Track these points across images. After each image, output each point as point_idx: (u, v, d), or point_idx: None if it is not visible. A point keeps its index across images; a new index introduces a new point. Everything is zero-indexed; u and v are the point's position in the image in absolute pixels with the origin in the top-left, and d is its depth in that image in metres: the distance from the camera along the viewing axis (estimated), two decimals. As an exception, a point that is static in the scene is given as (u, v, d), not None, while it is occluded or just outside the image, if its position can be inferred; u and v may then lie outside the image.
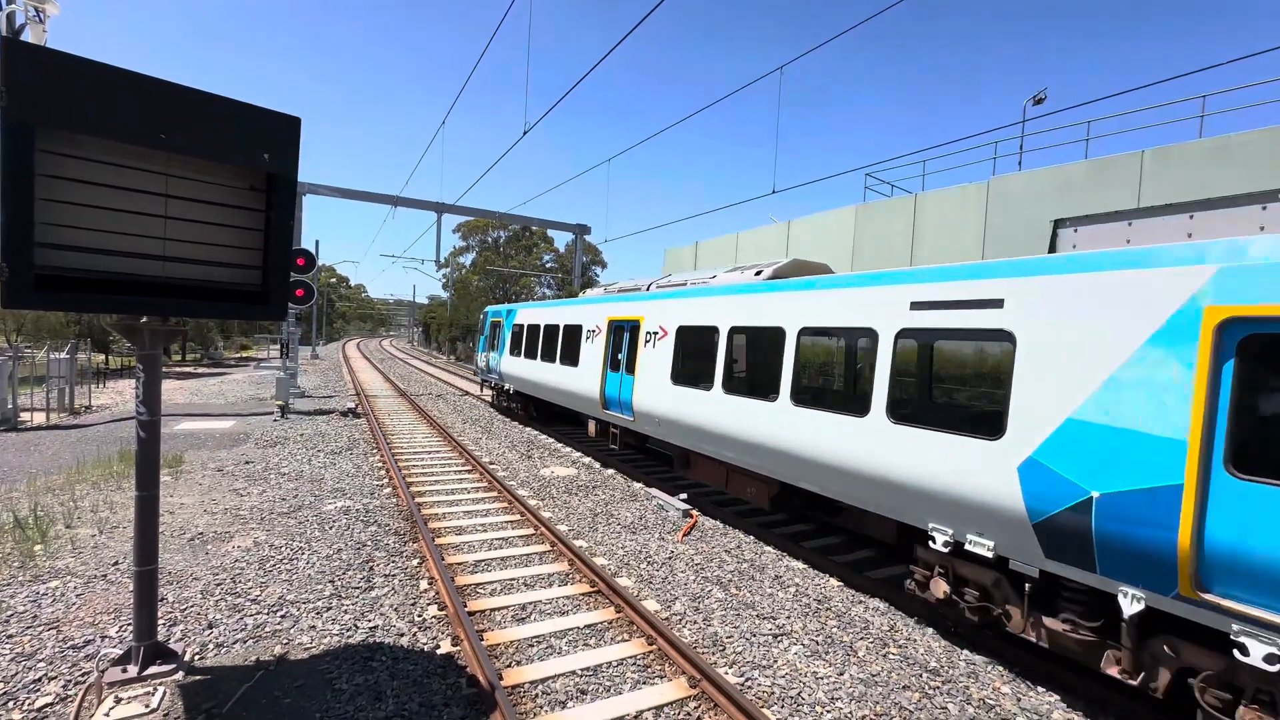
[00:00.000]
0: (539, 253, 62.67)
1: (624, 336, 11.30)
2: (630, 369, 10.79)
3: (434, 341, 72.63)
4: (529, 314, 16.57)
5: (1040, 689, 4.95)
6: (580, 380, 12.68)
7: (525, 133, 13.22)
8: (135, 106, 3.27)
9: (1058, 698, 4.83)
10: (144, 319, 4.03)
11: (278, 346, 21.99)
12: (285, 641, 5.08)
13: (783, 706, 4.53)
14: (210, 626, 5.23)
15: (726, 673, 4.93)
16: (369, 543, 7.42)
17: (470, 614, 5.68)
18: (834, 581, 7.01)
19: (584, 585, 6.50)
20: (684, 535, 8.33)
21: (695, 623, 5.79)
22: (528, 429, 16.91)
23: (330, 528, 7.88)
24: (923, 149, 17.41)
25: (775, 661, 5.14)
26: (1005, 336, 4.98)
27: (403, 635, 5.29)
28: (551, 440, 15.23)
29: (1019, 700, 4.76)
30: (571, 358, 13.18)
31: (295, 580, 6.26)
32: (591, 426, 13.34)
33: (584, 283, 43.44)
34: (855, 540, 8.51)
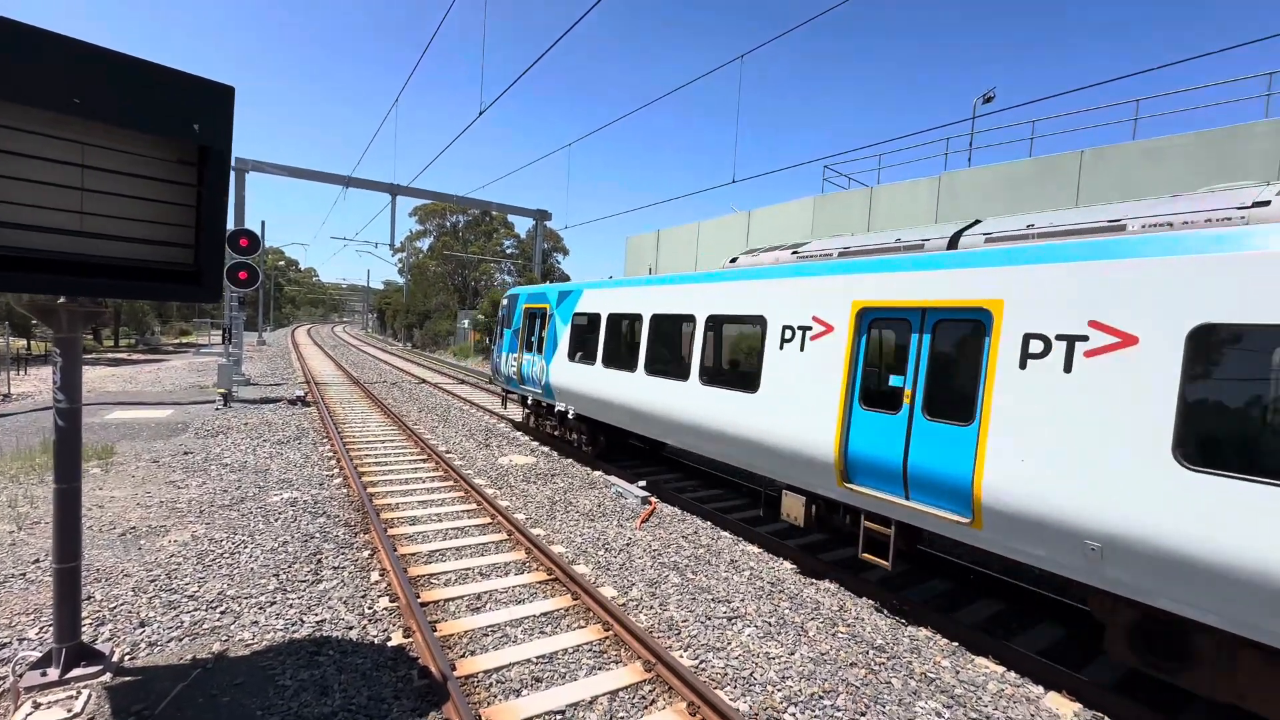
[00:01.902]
0: (499, 238, 61.51)
1: (935, 341, 5.50)
2: (960, 412, 5.20)
3: (390, 328, 70.57)
4: (615, 297, 10.29)
5: (978, 660, 5.20)
6: (771, 419, 6.83)
7: (481, 113, 12.87)
8: (43, 67, 3.01)
9: (992, 669, 5.09)
10: (60, 299, 3.75)
11: (220, 332, 20.89)
12: (225, 638, 4.87)
13: (735, 687, 4.62)
14: (142, 625, 4.97)
15: (681, 656, 5.00)
16: (317, 535, 7.18)
17: (423, 605, 5.58)
18: (787, 564, 7.18)
19: (541, 573, 6.46)
20: (642, 522, 8.38)
21: (652, 608, 5.84)
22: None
23: (276, 520, 7.59)
24: (878, 143, 17.77)
25: (729, 643, 5.24)
26: None
27: (352, 628, 5.15)
28: (509, 428, 15.05)
29: (957, 673, 4.99)
30: (743, 377, 7.52)
31: (237, 575, 6.01)
32: (795, 506, 6.88)
33: (545, 270, 42.94)
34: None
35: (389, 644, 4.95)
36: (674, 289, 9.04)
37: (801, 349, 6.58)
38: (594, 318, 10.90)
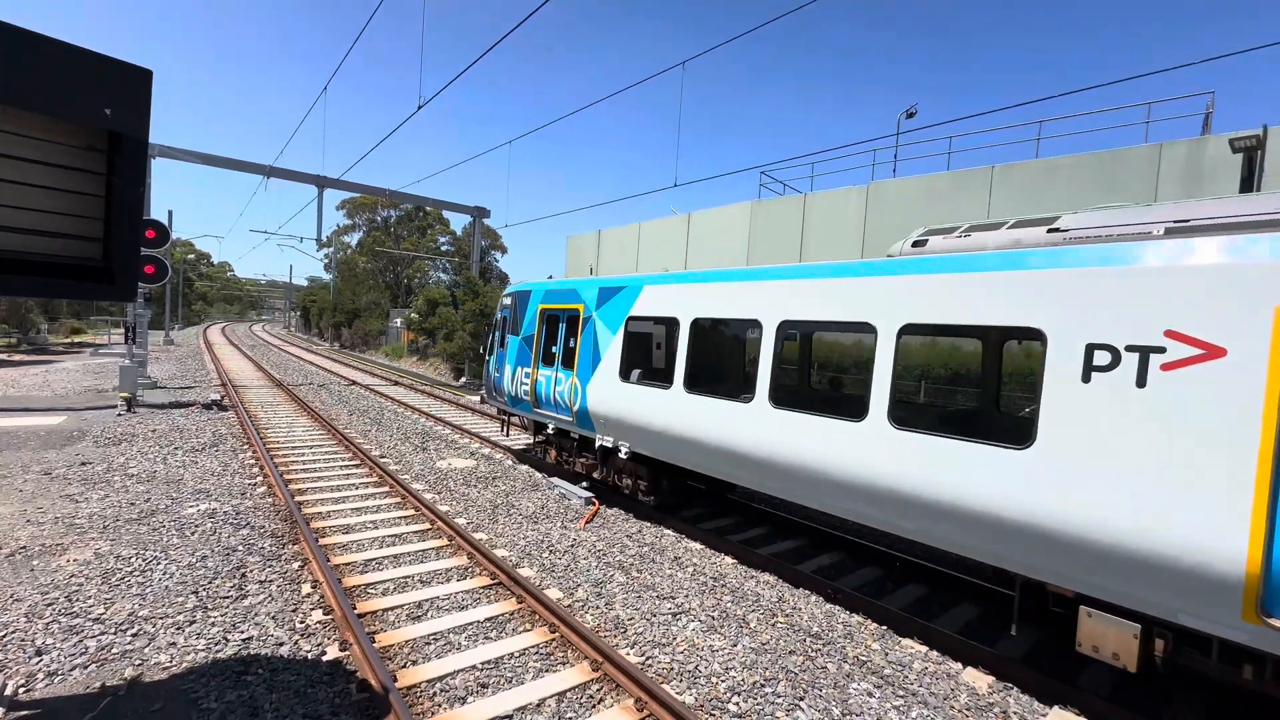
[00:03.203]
0: (434, 234, 59.61)
1: None
2: None
3: (315, 327, 66.89)
4: (707, 295, 7.40)
5: (904, 641, 5.56)
6: (1062, 489, 4.38)
7: (420, 107, 12.47)
8: (-74, 39, 2.71)
9: (918, 649, 5.45)
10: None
11: (121, 330, 19.03)
12: (138, 662, 4.52)
13: (681, 680, 4.73)
14: (39, 653, 4.53)
15: (628, 653, 5.06)
16: (240, 547, 6.76)
17: (360, 616, 5.37)
18: (729, 559, 7.39)
19: (484, 578, 6.36)
20: (586, 523, 8.39)
21: (598, 608, 5.88)
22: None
23: (193, 533, 7.08)
24: (813, 153, 18.56)
25: (674, 639, 5.35)
26: None
27: (282, 644, 4.89)
28: (449, 431, 14.65)
29: (887, 654, 5.32)
30: (998, 422, 6.40)
31: (150, 594, 5.57)
32: (1116, 637, 4.38)
33: (482, 269, 42.02)
34: (748, 519, 9.03)
35: (324, 658, 4.74)
36: (827, 284, 6.05)
37: (1141, 383, 4.09)
38: (667, 324, 7.90)
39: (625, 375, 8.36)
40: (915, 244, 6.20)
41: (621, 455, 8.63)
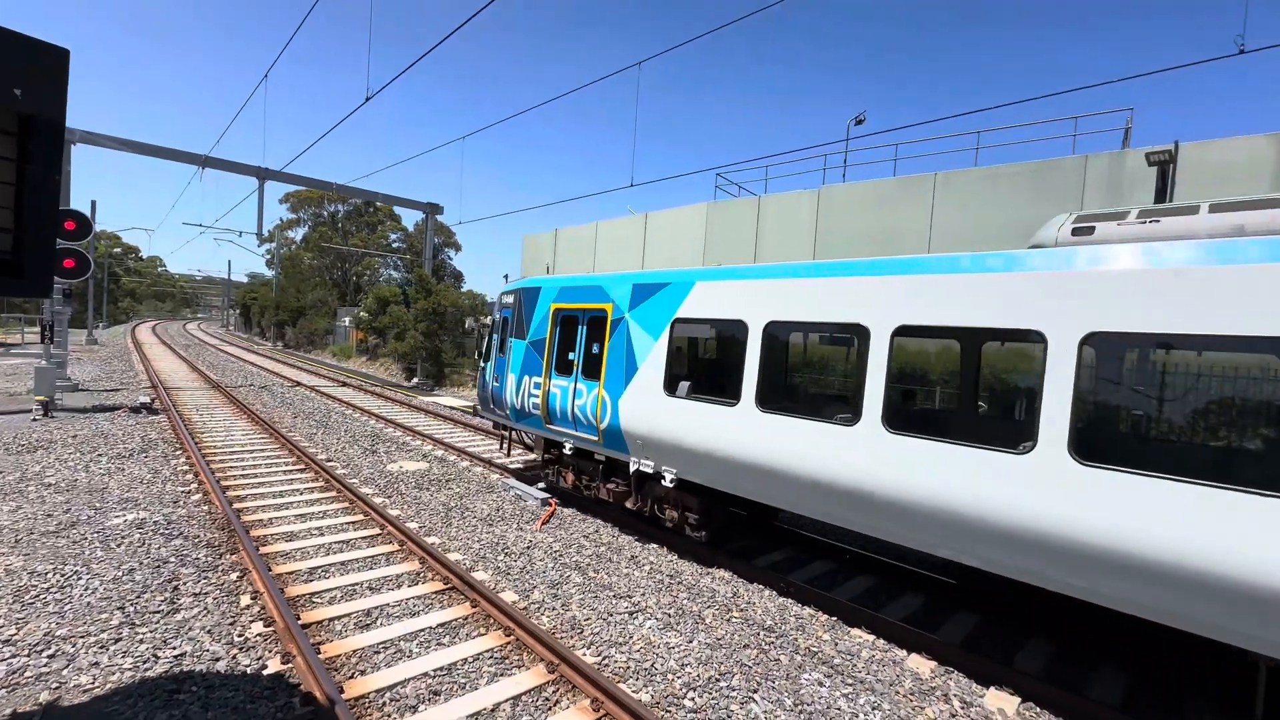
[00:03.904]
0: (384, 231, 57.84)
1: None
2: None
3: (256, 326, 63.85)
4: (787, 291, 6.17)
5: (853, 631, 5.74)
6: None
7: (368, 99, 12.07)
8: None
9: (865, 638, 5.64)
10: None
11: (39, 329, 17.55)
12: (55, 685, 4.21)
13: (638, 679, 4.75)
14: (-60, 680, 4.16)
15: (584, 654, 5.04)
16: (172, 559, 6.38)
17: (304, 626, 5.16)
18: (685, 557, 7.45)
19: (437, 583, 6.22)
20: (542, 524, 8.31)
21: (554, 609, 5.83)
22: (372, 421, 15.55)
23: (118, 545, 6.64)
24: (766, 155, 18.95)
25: (631, 637, 5.36)
26: None
27: (219, 660, 4.65)
28: (400, 433, 14.24)
29: (836, 644, 5.48)
30: (1250, 457, 4.23)
31: (69, 611, 5.20)
32: None
33: (436, 266, 41.05)
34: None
35: (265, 672, 4.53)
36: (965, 281, 4.86)
37: None
38: (729, 328, 6.66)
39: (671, 388, 6.99)
40: (1077, 230, 5.15)
41: (665, 483, 7.22)
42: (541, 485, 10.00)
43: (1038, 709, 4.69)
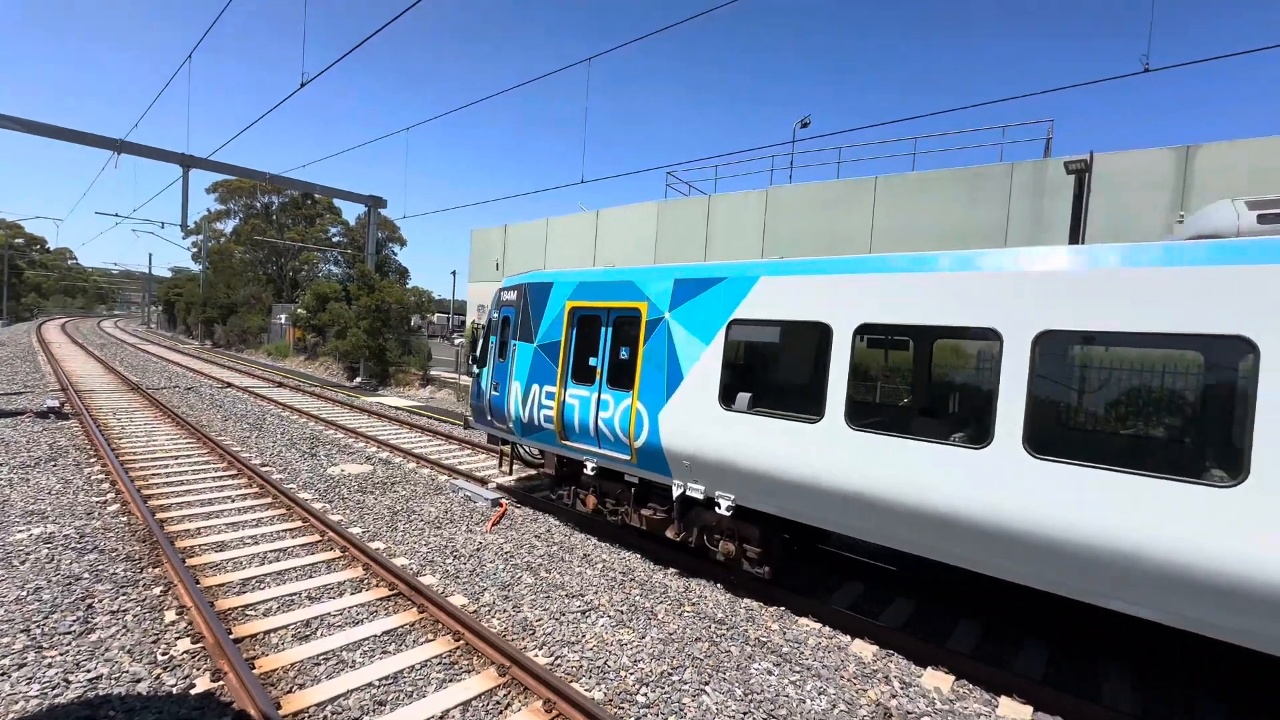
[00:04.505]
0: (324, 224, 55.33)
1: None
2: None
3: (182, 323, 59.91)
4: (887, 290, 5.19)
5: (801, 620, 5.91)
6: None
7: (303, 85, 11.51)
8: None
9: (812, 626, 5.82)
10: None
11: (-77, 327, 15.49)
12: (-52, 719, 3.83)
13: (591, 677, 4.73)
14: None
15: (536, 655, 4.99)
16: (86, 575, 5.92)
17: (237, 640, 4.89)
18: (638, 554, 7.49)
19: (382, 589, 6.01)
20: (493, 525, 8.17)
21: (505, 611, 5.74)
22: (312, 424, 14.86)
23: (22, 562, 6.10)
24: (715, 155, 19.17)
25: (584, 636, 5.35)
26: None
27: (140, 681, 4.35)
28: (342, 435, 13.68)
29: (785, 633, 5.63)
30: None
31: (-36, 636, 4.73)
32: None
33: (379, 261, 39.67)
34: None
35: (193, 692, 4.27)
36: (1131, 275, 4.09)
37: None
38: (805, 330, 5.81)
39: (728, 400, 6.07)
40: (1265, 218, 4.34)
41: (720, 510, 6.28)
42: (493, 486, 9.82)
43: (970, 685, 4.96)
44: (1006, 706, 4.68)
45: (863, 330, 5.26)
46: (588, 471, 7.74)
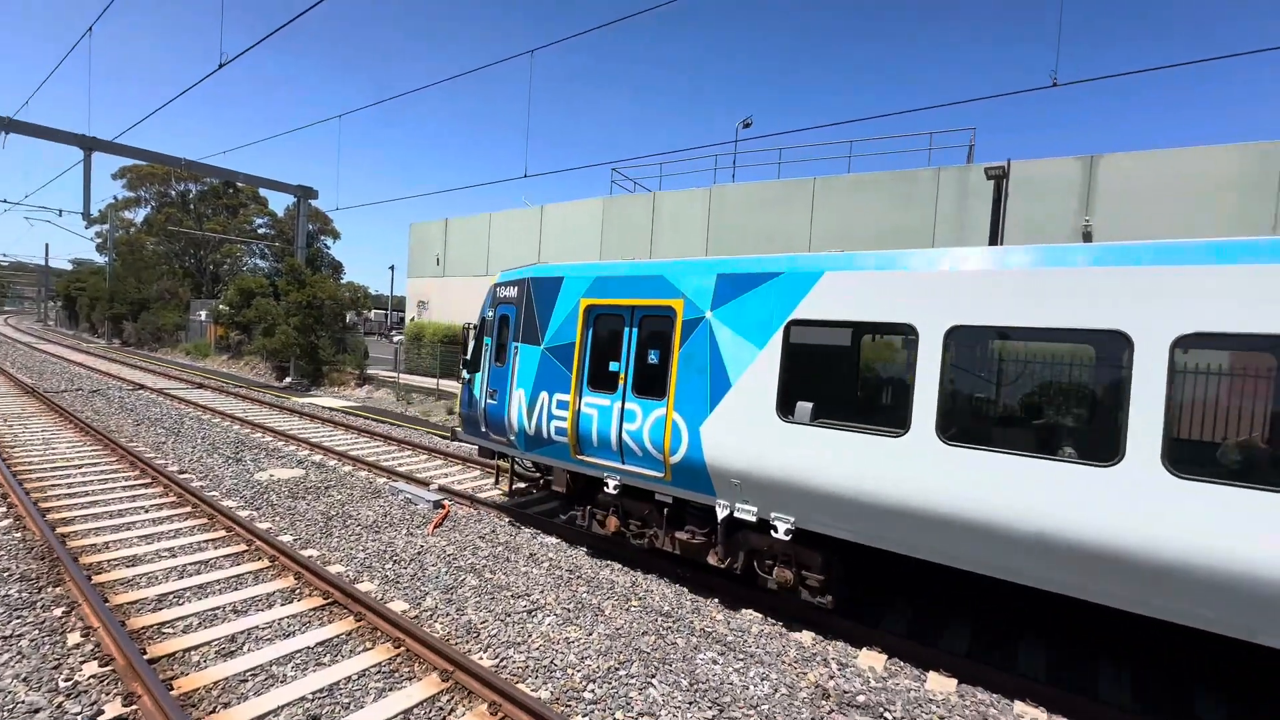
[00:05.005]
0: (248, 215, 52.12)
1: None
2: None
3: (85, 320, 54.99)
4: (1029, 290, 4.51)
5: (745, 611, 6.06)
6: None
7: (221, 65, 10.78)
8: None
9: (755, 615, 5.98)
10: None
11: None
12: None
13: (537, 677, 4.69)
14: None
15: (481, 658, 4.90)
16: (-28, 598, 5.36)
17: (152, 661, 4.55)
18: (584, 550, 7.47)
19: (315, 599, 5.74)
20: (435, 527, 7.95)
21: (448, 615, 5.60)
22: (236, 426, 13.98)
23: (-107, 587, 5.46)
24: (661, 153, 19.32)
25: (530, 636, 5.29)
26: None
27: (39, 711, 3.98)
28: (270, 439, 12.94)
29: (729, 623, 5.76)
30: None
31: None
32: None
33: (311, 255, 37.80)
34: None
35: (101, 719, 3.95)
36: None
37: None
38: (887, 332, 5.54)
39: (786, 410, 5.45)
40: None
41: (777, 534, 5.63)
42: (435, 487, 9.55)
43: (902, 662, 5.23)
44: (934, 681, 4.97)
45: (956, 331, 4.74)
46: (609, 490, 6.92)
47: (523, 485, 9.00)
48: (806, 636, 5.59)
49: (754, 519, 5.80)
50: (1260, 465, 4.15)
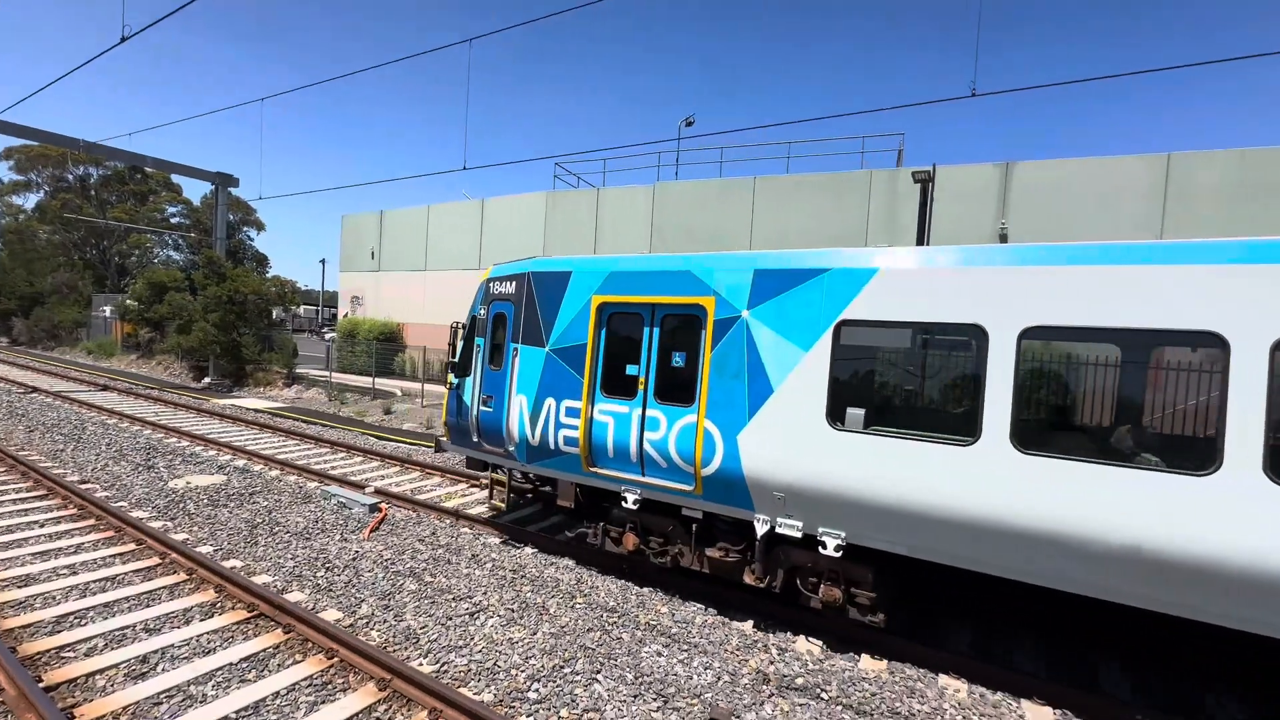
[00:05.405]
0: (159, 203, 48.27)
1: None
2: None
3: (-35, 317, 49.43)
4: (1109, 288, 4.33)
5: (689, 604, 6.15)
6: None
7: (125, 39, 9.92)
8: None
9: (699, 607, 6.08)
10: None
11: None
12: None
13: (480, 680, 4.60)
14: None
15: (421, 664, 4.76)
16: None
17: (50, 689, 4.17)
18: (529, 550, 7.38)
19: (239, 611, 5.41)
20: (371, 532, 7.65)
21: (385, 621, 5.41)
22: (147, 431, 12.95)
23: None
24: (605, 148, 19.31)
25: (472, 639, 5.18)
26: None
27: (-88, 751, 3.57)
28: (187, 444, 12.07)
29: (674, 615, 5.84)
30: None
31: None
32: None
33: (232, 247, 35.55)
34: (549, 508, 8.91)
35: (-12, 755, 3.58)
36: None
37: None
38: (951, 333, 5.15)
39: (837, 418, 5.12)
40: None
41: (827, 551, 5.25)
42: (371, 490, 9.17)
43: (837, 646, 5.46)
44: (867, 661, 5.22)
45: (1032, 332, 4.50)
46: (627, 505, 6.39)
47: (505, 496, 8.05)
48: (748, 625, 5.74)
49: (799, 534, 5.40)
50: None
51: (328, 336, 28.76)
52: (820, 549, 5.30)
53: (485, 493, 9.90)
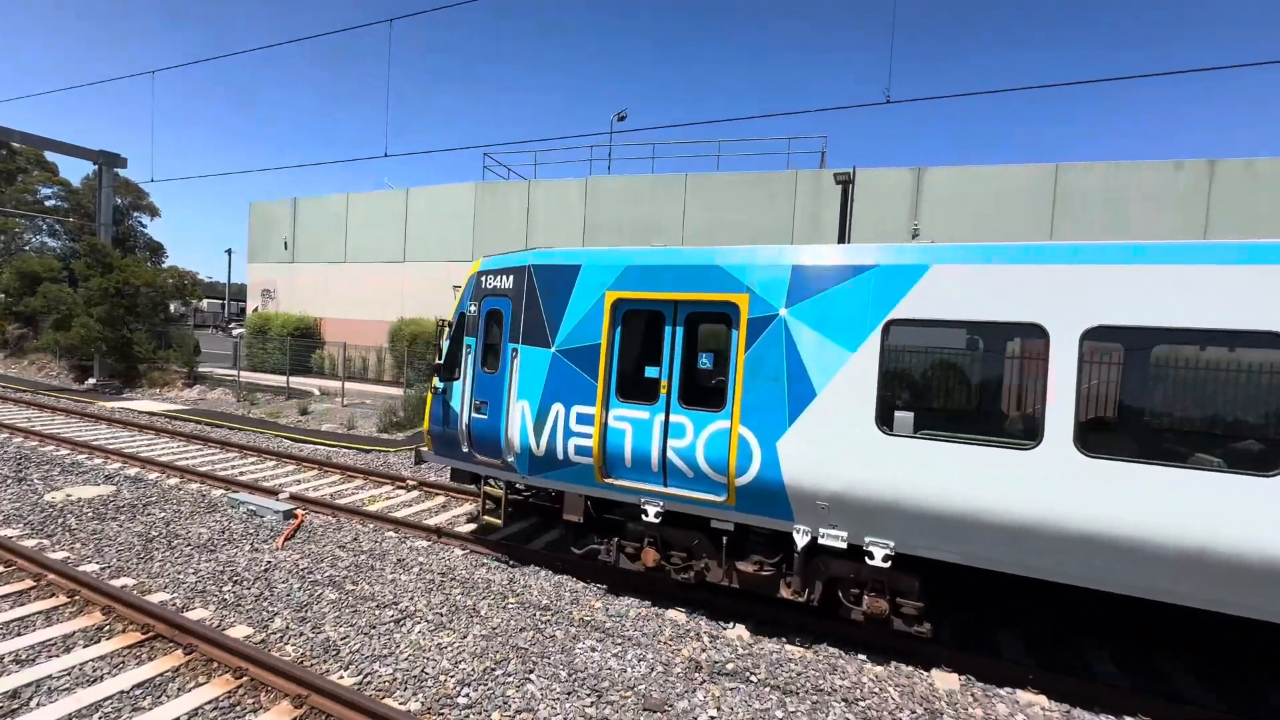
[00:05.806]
0: (30, 183, 43.00)
1: None
2: None
3: None
4: (1181, 287, 4.27)
5: (623, 598, 6.18)
6: None
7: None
8: None
9: (632, 601, 6.12)
10: None
11: None
12: None
13: (406, 689, 4.43)
14: None
15: (342, 677, 4.52)
16: None
17: (-107, 737, 3.64)
18: (458, 551, 7.17)
19: (132, 634, 4.94)
20: (285, 540, 7.18)
21: (302, 635, 5.10)
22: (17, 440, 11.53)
23: None
24: (536, 140, 18.96)
25: (398, 647, 4.98)
26: None
27: None
28: (67, 451, 10.87)
29: (608, 610, 5.85)
30: None
31: None
32: None
33: (120, 234, 32.33)
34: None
35: None
36: None
37: None
38: (1010, 333, 5.06)
39: (886, 422, 4.89)
40: None
41: (874, 561, 5.02)
42: (285, 495, 8.59)
43: (766, 632, 5.66)
44: (791, 647, 5.43)
45: (1095, 333, 4.34)
46: (648, 518, 5.93)
47: (492, 506, 7.37)
48: (680, 615, 5.84)
49: (844, 545, 5.13)
50: None
51: (235, 332, 26.70)
52: (868, 560, 5.06)
53: (416, 493, 9.56)
